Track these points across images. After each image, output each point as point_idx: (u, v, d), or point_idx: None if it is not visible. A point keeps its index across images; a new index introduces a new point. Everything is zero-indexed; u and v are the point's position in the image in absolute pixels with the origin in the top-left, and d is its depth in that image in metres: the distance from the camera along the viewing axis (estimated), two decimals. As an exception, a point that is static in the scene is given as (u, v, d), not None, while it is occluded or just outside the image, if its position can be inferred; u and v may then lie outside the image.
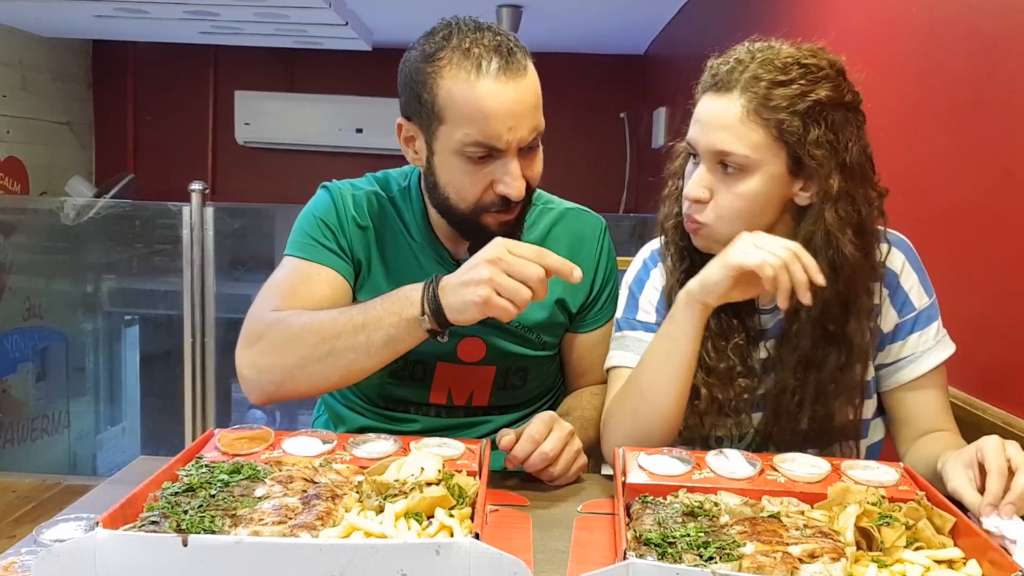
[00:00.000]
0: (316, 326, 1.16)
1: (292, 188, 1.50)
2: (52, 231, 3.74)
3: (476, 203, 1.20)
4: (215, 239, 3.18)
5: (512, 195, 1.17)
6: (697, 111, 1.16)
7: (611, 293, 1.39)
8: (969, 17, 1.55)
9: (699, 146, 1.14)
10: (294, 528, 0.81)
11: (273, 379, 1.19)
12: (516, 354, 1.34)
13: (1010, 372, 1.37)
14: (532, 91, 1.18)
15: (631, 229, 3.91)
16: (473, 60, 1.15)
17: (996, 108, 1.44)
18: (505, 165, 1.17)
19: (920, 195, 1.66)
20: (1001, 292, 1.40)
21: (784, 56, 1.12)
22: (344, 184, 1.36)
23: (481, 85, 1.14)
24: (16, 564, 0.83)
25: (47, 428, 3.99)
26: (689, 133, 1.17)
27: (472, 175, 1.18)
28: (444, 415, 1.37)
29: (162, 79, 5.83)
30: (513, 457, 1.09)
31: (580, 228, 1.39)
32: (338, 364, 1.15)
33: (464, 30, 1.18)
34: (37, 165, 5.25)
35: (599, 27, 4.89)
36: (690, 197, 1.15)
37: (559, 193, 1.44)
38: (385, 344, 1.13)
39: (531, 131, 1.17)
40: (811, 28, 2.40)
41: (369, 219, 1.32)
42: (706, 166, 1.14)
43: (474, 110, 1.14)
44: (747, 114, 1.10)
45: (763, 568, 0.77)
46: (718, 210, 1.14)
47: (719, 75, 1.13)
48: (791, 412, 1.19)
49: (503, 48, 1.16)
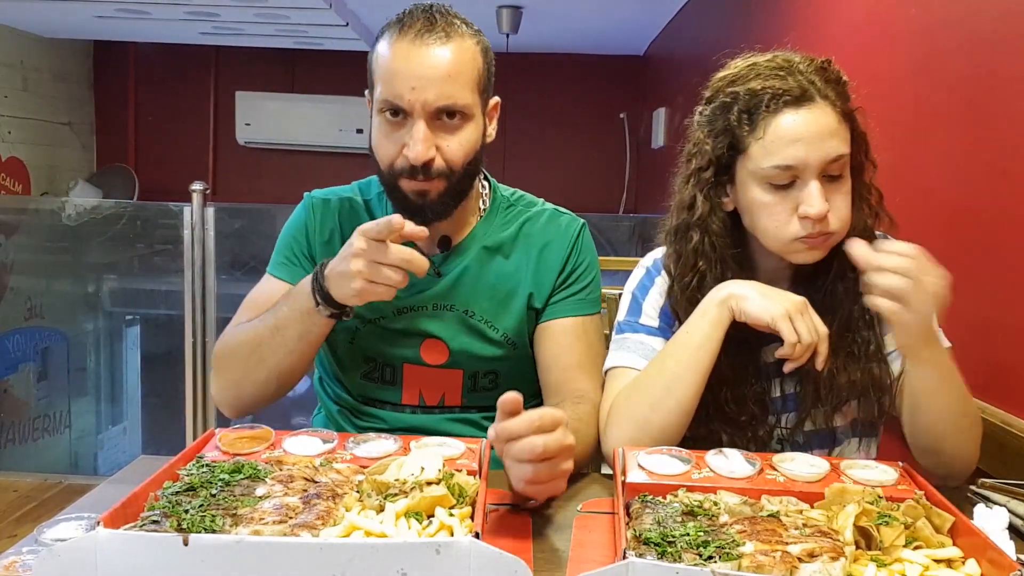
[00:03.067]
0: (246, 337, 1.25)
1: (292, 188, 1.50)
2: (53, 231, 3.75)
3: (391, 166, 1.23)
4: (216, 239, 3.19)
5: (410, 157, 1.19)
6: (788, 131, 1.11)
7: (586, 288, 1.37)
8: (968, 17, 1.55)
9: (811, 161, 1.11)
10: (295, 527, 0.81)
11: (229, 396, 1.30)
12: (483, 357, 1.33)
13: (1010, 372, 1.38)
14: (449, 60, 1.20)
15: (631, 229, 3.91)
16: (399, 24, 1.22)
17: (996, 108, 1.44)
18: (411, 128, 1.20)
19: (920, 195, 1.66)
20: (1001, 292, 1.40)
21: (813, 59, 1.17)
22: (323, 193, 1.40)
23: (395, 45, 1.21)
24: (17, 563, 0.83)
25: (48, 428, 4.00)
26: (783, 158, 1.11)
27: (388, 136, 1.23)
28: (420, 413, 1.37)
29: (163, 79, 5.84)
30: (503, 429, 0.94)
31: (552, 228, 1.38)
32: (269, 368, 1.24)
33: (418, 7, 1.24)
34: (38, 165, 5.26)
35: (599, 27, 4.89)
36: (824, 213, 1.12)
37: (559, 192, 1.45)
38: (299, 339, 1.21)
39: (439, 97, 1.19)
40: (811, 28, 2.40)
41: (339, 226, 1.36)
42: (816, 181, 1.12)
43: (385, 68, 1.21)
44: (841, 118, 1.13)
45: (762, 567, 0.77)
46: (837, 214, 1.14)
47: (790, 90, 1.12)
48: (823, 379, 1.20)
49: (432, 18, 1.21)
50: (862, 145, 1.18)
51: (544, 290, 1.34)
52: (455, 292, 1.32)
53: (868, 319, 1.21)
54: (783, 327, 1.08)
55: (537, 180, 1.69)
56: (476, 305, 1.33)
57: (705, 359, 1.14)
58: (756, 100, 1.13)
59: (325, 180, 1.38)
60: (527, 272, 1.34)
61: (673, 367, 1.16)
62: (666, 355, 1.18)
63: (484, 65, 1.26)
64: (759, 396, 1.23)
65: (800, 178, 1.12)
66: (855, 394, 1.21)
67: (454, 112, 1.21)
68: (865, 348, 1.21)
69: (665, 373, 1.16)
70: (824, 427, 1.24)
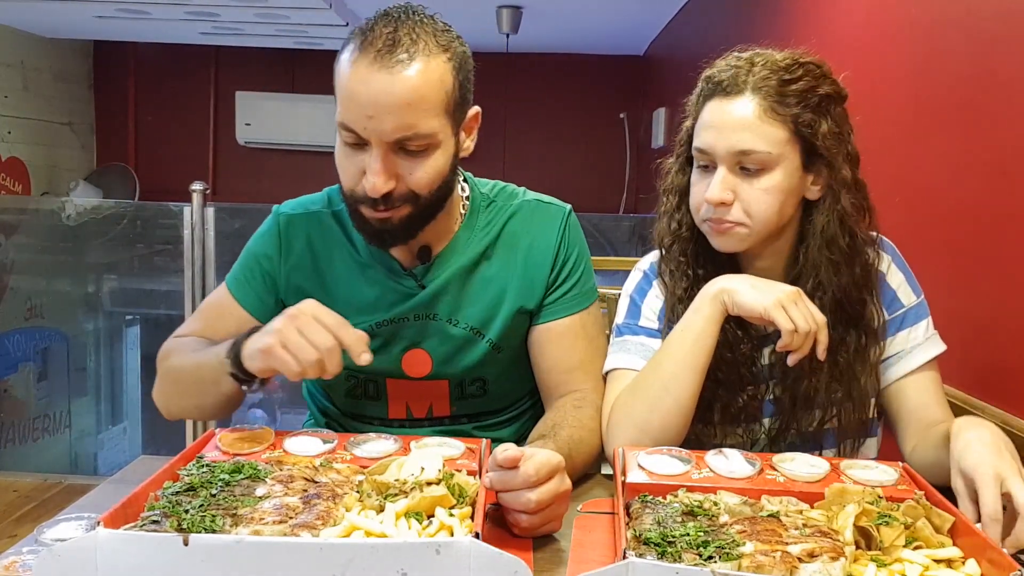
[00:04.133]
0: (176, 363, 1.24)
1: (292, 188, 1.50)
2: (53, 231, 3.75)
3: (351, 192, 1.17)
4: (216, 239, 3.19)
5: (367, 189, 1.12)
6: (706, 118, 1.17)
7: (579, 281, 1.32)
8: (968, 17, 1.55)
9: (717, 149, 1.15)
10: (295, 527, 0.81)
11: (160, 404, 1.29)
12: (468, 365, 1.29)
13: (1009, 372, 1.38)
14: (407, 88, 1.09)
15: (631, 229, 3.91)
16: (360, 41, 1.12)
17: (996, 108, 1.44)
18: (369, 157, 1.12)
19: (920, 195, 1.66)
20: (1001, 292, 1.40)
21: (782, 58, 1.17)
22: (292, 207, 1.34)
23: (355, 64, 1.11)
24: (17, 563, 0.83)
25: (48, 428, 4.00)
26: (700, 141, 1.18)
27: (349, 158, 1.15)
28: (408, 427, 1.33)
29: (163, 80, 5.84)
30: (499, 482, 0.92)
31: (537, 222, 1.32)
32: (189, 400, 1.25)
33: (388, 15, 1.14)
34: (38, 165, 5.26)
35: (599, 27, 4.89)
36: (714, 200, 1.15)
37: (559, 193, 1.43)
38: (214, 385, 1.15)
39: (398, 128, 1.10)
40: (810, 28, 2.40)
41: (310, 244, 1.30)
42: (726, 169, 1.15)
43: (343, 90, 1.13)
44: (764, 112, 1.13)
45: (762, 567, 0.77)
46: (746, 207, 1.15)
47: (723, 80, 1.16)
48: (808, 399, 1.20)
49: (396, 35, 1.11)
50: (832, 146, 1.15)
51: (536, 291, 1.29)
52: (438, 301, 1.27)
53: (867, 326, 1.21)
54: (777, 316, 1.08)
55: (537, 180, 1.68)
56: (460, 313, 1.28)
57: (701, 356, 1.14)
58: (703, 87, 1.19)
59: (325, 180, 1.36)
60: (514, 274, 1.29)
61: (669, 367, 1.15)
62: (662, 355, 1.18)
63: (455, 82, 1.14)
64: (747, 357, 1.22)
65: (715, 164, 1.16)
66: (836, 405, 1.21)
67: (416, 141, 1.12)
68: (856, 357, 1.20)
69: (662, 373, 1.16)
70: (809, 433, 1.23)
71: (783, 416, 1.22)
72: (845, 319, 1.19)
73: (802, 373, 1.19)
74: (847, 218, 1.17)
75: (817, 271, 1.17)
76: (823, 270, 1.17)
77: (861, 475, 0.99)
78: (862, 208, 1.18)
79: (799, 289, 1.12)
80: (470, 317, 1.28)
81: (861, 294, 1.19)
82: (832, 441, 1.24)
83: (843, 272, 1.17)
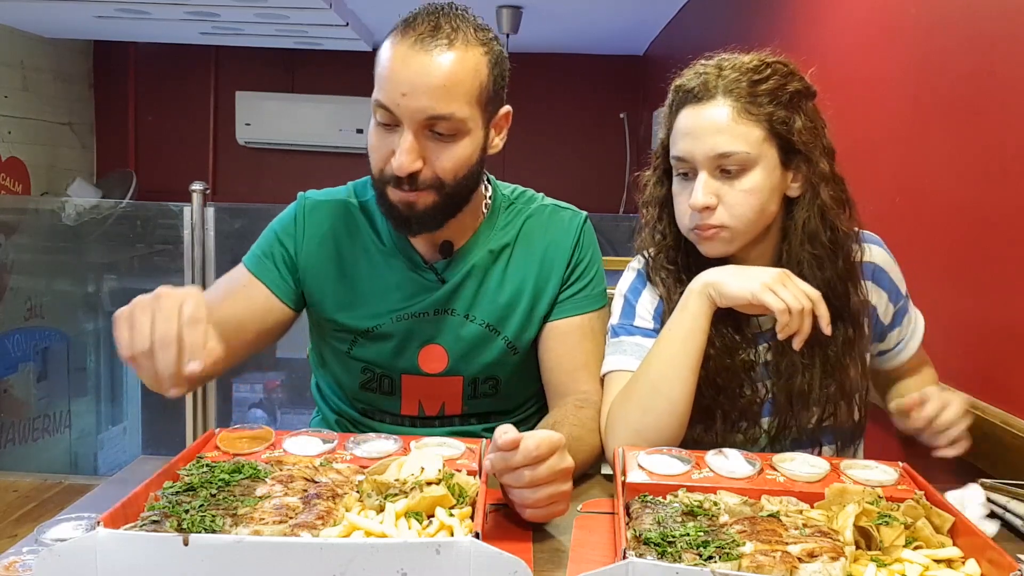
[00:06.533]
0: None
1: (292, 188, 1.50)
2: (53, 231, 3.75)
3: (380, 172, 1.20)
4: (216, 239, 3.18)
5: (394, 167, 1.16)
6: (681, 126, 1.19)
7: (590, 284, 1.35)
8: (968, 17, 1.55)
9: (696, 155, 1.16)
10: (295, 527, 0.81)
11: None
12: (484, 362, 1.32)
13: (1010, 372, 1.38)
14: (443, 71, 1.14)
15: (631, 229, 3.89)
16: (404, 25, 1.17)
17: (996, 108, 1.44)
18: (400, 137, 1.16)
19: (920, 195, 1.66)
20: (1001, 292, 1.40)
21: (749, 59, 1.18)
22: (317, 195, 1.37)
23: (396, 47, 1.16)
24: (17, 563, 0.83)
25: (48, 428, 4.00)
26: (677, 149, 1.19)
27: (380, 139, 1.19)
28: (419, 425, 1.35)
29: (163, 79, 5.84)
30: (499, 462, 0.92)
31: (554, 225, 1.36)
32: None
33: (431, 9, 1.19)
34: (38, 165, 5.25)
35: (599, 27, 4.89)
36: (698, 205, 1.16)
37: (559, 193, 1.44)
38: None
39: (430, 107, 1.13)
40: (809, 28, 2.40)
41: (333, 230, 1.32)
42: (706, 174, 1.16)
43: (382, 69, 1.17)
44: (738, 113, 1.14)
45: (762, 567, 0.77)
46: (731, 210, 1.16)
47: (694, 88, 1.17)
48: (803, 395, 1.20)
49: (438, 23, 1.16)
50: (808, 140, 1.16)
51: (550, 292, 1.32)
52: (457, 297, 1.31)
53: (854, 319, 1.22)
54: (767, 298, 1.08)
55: (537, 180, 1.69)
56: (478, 309, 1.31)
57: (692, 353, 1.14)
58: (674, 98, 1.21)
59: (325, 180, 1.37)
60: (531, 274, 1.32)
61: (659, 367, 1.15)
62: (652, 356, 1.18)
63: (490, 76, 1.19)
64: (745, 363, 1.23)
65: (695, 171, 1.17)
66: (832, 402, 1.22)
67: (446, 124, 1.16)
68: (845, 350, 1.21)
69: (652, 374, 1.16)
70: (808, 431, 1.23)
71: (781, 415, 1.22)
72: (831, 313, 1.18)
73: (795, 369, 1.19)
74: (828, 211, 1.18)
75: (800, 267, 1.18)
76: (806, 265, 1.18)
77: (861, 475, 0.99)
78: (842, 202, 1.19)
79: (786, 270, 1.12)
80: (487, 314, 1.31)
81: (846, 287, 1.21)
82: (831, 439, 1.24)
83: (826, 266, 1.18)
